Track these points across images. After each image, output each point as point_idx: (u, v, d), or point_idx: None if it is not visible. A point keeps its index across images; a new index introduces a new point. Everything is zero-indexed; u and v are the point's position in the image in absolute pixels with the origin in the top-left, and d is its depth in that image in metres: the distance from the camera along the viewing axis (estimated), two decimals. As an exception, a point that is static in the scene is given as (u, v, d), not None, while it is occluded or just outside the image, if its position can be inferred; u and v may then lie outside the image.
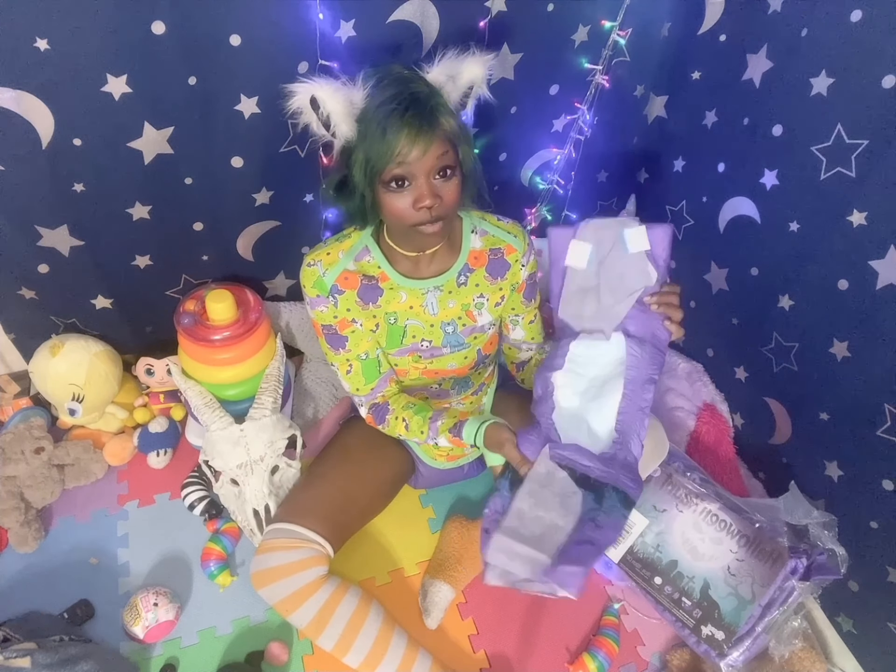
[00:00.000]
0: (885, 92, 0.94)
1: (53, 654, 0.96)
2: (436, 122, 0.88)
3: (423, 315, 1.09)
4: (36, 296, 1.28)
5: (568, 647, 1.21)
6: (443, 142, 0.89)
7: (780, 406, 1.29)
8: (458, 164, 0.94)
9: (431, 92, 0.90)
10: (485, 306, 1.12)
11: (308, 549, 1.07)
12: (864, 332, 1.06)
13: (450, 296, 1.09)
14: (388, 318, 1.09)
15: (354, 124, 0.90)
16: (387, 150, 0.86)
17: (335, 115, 0.89)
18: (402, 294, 1.07)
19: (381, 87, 0.89)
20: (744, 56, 1.21)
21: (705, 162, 1.36)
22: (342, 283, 1.06)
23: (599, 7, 1.26)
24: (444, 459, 1.28)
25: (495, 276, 1.11)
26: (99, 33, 0.94)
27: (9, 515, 1.23)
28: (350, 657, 1.04)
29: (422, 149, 0.87)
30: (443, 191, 0.92)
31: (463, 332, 1.12)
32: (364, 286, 1.06)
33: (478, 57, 0.94)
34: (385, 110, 0.86)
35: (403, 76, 0.90)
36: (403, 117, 0.85)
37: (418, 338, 1.11)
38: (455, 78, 0.93)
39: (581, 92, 1.38)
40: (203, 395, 1.22)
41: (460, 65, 0.93)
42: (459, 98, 0.95)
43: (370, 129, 0.88)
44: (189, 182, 1.19)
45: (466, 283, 1.10)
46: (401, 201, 0.91)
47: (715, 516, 1.21)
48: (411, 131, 0.86)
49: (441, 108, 0.89)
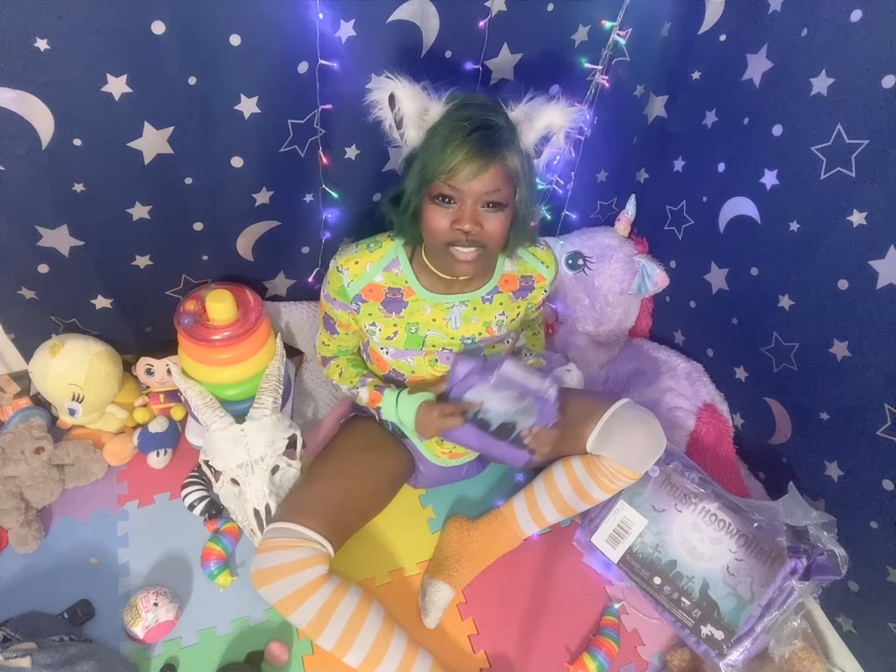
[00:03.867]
0: (885, 92, 0.95)
1: (53, 654, 0.96)
2: (498, 153, 0.89)
3: (445, 328, 1.11)
4: (36, 296, 1.28)
5: (568, 647, 1.21)
6: (500, 175, 0.90)
7: (780, 406, 1.29)
8: (512, 204, 0.94)
9: (506, 125, 0.91)
10: (504, 323, 1.16)
11: (308, 549, 1.07)
12: (864, 332, 1.06)
13: (474, 312, 1.12)
14: (409, 328, 1.11)
15: (423, 133, 0.92)
16: (441, 161, 0.88)
17: (408, 117, 0.91)
18: (427, 307, 1.09)
19: (460, 107, 0.90)
20: (744, 56, 1.21)
21: (705, 162, 1.37)
22: (366, 294, 1.09)
23: (599, 7, 1.26)
24: (446, 457, 1.28)
25: (518, 297, 1.15)
26: (99, 33, 0.94)
27: (9, 515, 1.23)
28: (350, 657, 1.04)
29: (474, 171, 0.88)
30: (486, 221, 0.93)
31: (482, 343, 1.16)
32: (388, 299, 1.08)
33: (561, 106, 0.94)
34: (453, 126, 0.88)
35: (485, 104, 0.91)
36: (468, 137, 0.87)
37: (438, 346, 1.14)
38: (533, 119, 0.94)
39: (581, 92, 1.38)
40: (203, 395, 1.22)
41: (542, 109, 0.94)
42: (534, 142, 0.96)
43: (434, 140, 0.90)
44: (189, 182, 1.19)
45: (492, 301, 1.12)
46: (441, 217, 0.92)
47: (714, 516, 1.21)
48: (470, 151, 0.87)
49: (509, 143, 0.90)
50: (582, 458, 1.22)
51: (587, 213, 1.69)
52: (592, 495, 1.22)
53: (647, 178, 1.61)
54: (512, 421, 1.07)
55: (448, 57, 1.20)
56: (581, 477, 1.22)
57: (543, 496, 1.26)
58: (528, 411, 1.07)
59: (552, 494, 1.25)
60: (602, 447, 1.18)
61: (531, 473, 1.42)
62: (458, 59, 1.21)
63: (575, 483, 1.23)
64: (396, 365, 1.16)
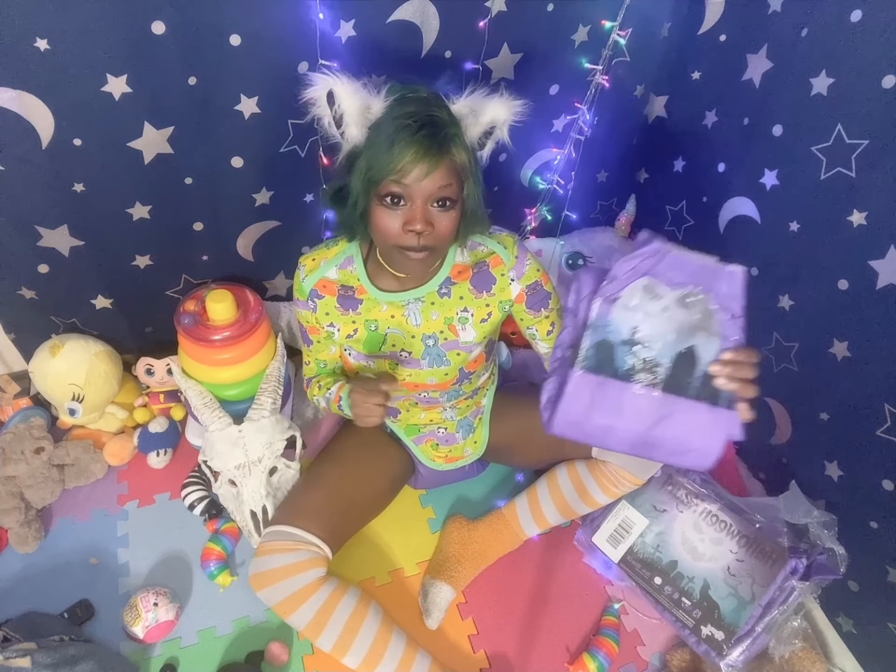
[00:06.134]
0: (885, 92, 0.94)
1: (53, 654, 0.96)
2: (446, 150, 0.87)
3: (405, 325, 1.07)
4: (36, 296, 1.28)
5: (568, 647, 1.21)
6: (448, 172, 0.88)
7: (780, 406, 1.29)
8: (461, 199, 0.93)
9: (451, 121, 0.89)
10: (469, 321, 1.08)
11: (306, 552, 1.07)
12: (864, 332, 1.06)
13: (433, 307, 1.07)
14: (368, 325, 1.08)
15: (365, 130, 0.89)
16: (389, 162, 0.85)
17: (348, 115, 0.88)
18: (383, 304, 1.06)
19: (402, 102, 0.88)
20: (744, 56, 1.21)
21: (705, 162, 1.37)
22: (321, 289, 1.06)
23: (599, 7, 1.26)
24: (442, 461, 1.27)
25: (480, 289, 1.07)
26: (99, 33, 0.94)
27: (9, 515, 1.23)
28: (349, 658, 1.04)
29: (424, 171, 0.86)
30: (437, 220, 0.90)
31: (444, 346, 1.09)
32: (342, 295, 1.06)
33: (505, 99, 0.93)
34: (398, 124, 0.85)
35: (427, 98, 0.89)
36: (415, 135, 0.85)
37: (398, 347, 1.09)
38: (478, 114, 0.92)
39: (581, 92, 1.38)
40: (203, 394, 1.22)
41: (486, 103, 0.92)
42: (478, 136, 0.94)
43: (378, 139, 0.87)
44: (189, 182, 1.19)
45: (450, 294, 1.06)
46: (391, 219, 0.90)
47: (715, 517, 1.21)
48: (419, 150, 0.85)
49: (455, 139, 0.89)
50: (586, 461, 1.23)
51: (587, 213, 1.69)
52: (595, 498, 1.22)
53: (647, 178, 1.61)
54: (689, 347, 0.70)
55: (448, 57, 1.20)
56: (584, 480, 1.22)
57: (546, 497, 1.26)
58: (707, 324, 0.69)
59: (555, 496, 1.25)
60: (607, 452, 1.18)
61: (532, 475, 1.42)
62: (458, 59, 1.21)
63: (578, 485, 1.23)
64: (360, 367, 1.14)
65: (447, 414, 1.21)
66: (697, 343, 0.72)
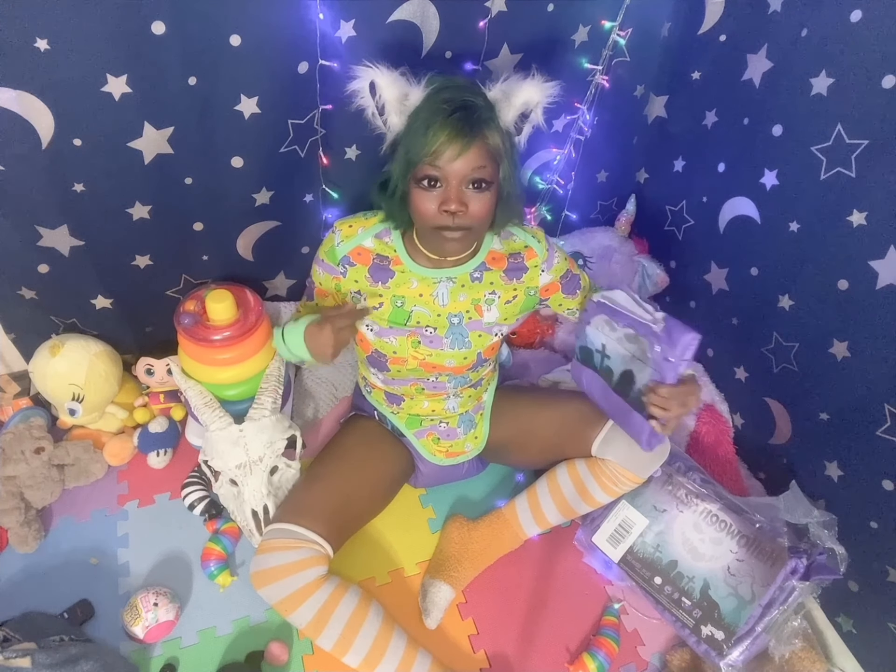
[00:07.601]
0: (885, 92, 0.94)
1: (53, 654, 0.96)
2: (479, 132, 0.90)
3: (431, 304, 1.10)
4: (36, 296, 1.28)
5: (568, 647, 1.21)
6: (482, 154, 0.91)
7: (780, 406, 1.29)
8: (497, 182, 0.95)
9: (485, 105, 0.93)
10: (495, 302, 1.12)
11: (307, 550, 1.07)
12: (864, 332, 1.06)
13: (462, 289, 1.10)
14: (394, 301, 1.09)
15: (405, 119, 0.93)
16: (424, 145, 0.89)
17: (389, 103, 0.93)
18: (414, 281, 1.08)
19: (439, 90, 0.92)
20: (744, 56, 1.21)
21: (705, 162, 1.37)
22: (354, 257, 1.08)
23: (599, 7, 1.26)
24: (442, 456, 1.28)
25: (511, 278, 1.12)
26: (99, 33, 0.94)
27: (9, 515, 1.23)
28: (349, 657, 1.04)
29: (457, 152, 0.89)
30: (472, 201, 0.93)
31: (468, 326, 1.12)
32: (376, 265, 1.08)
33: (537, 81, 0.95)
34: (434, 108, 0.90)
35: (463, 85, 0.93)
36: (448, 118, 0.88)
37: (423, 324, 1.11)
38: (511, 97, 0.95)
39: (581, 92, 1.38)
40: (203, 394, 1.22)
41: (519, 86, 0.95)
42: (513, 119, 0.97)
43: (416, 124, 0.91)
44: (189, 182, 1.19)
45: (481, 279, 1.10)
46: (428, 201, 0.93)
47: (715, 516, 1.21)
48: (452, 132, 0.88)
49: (489, 122, 0.92)
50: (586, 460, 1.23)
51: (587, 213, 1.69)
52: (595, 497, 1.22)
53: (647, 178, 1.61)
54: (629, 369, 1.02)
55: (448, 57, 1.20)
56: (584, 479, 1.22)
57: (546, 497, 1.26)
58: (644, 357, 1.00)
59: (555, 495, 1.25)
60: (607, 451, 1.19)
61: (532, 475, 1.42)
62: (458, 59, 1.21)
63: (578, 485, 1.23)
64: (379, 345, 1.14)
65: (450, 403, 1.22)
66: (634, 369, 1.04)
